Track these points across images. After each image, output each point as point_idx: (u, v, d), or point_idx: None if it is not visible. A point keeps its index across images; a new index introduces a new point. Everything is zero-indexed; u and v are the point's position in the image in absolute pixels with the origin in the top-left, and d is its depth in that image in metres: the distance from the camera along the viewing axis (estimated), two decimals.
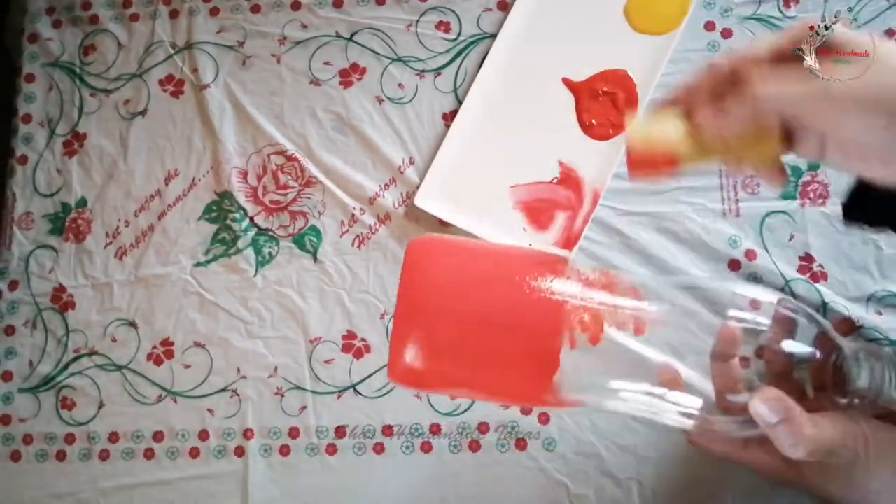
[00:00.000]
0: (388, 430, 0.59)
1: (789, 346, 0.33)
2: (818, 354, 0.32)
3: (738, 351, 0.33)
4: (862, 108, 0.28)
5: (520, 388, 0.34)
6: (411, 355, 0.32)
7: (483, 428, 0.58)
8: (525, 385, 0.33)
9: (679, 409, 0.33)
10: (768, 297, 0.34)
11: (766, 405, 0.31)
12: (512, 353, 0.32)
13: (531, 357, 0.32)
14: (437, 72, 0.64)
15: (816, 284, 0.57)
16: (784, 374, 0.33)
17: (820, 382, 0.33)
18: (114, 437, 0.61)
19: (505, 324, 0.32)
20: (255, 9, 0.67)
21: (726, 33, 0.62)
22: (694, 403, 0.33)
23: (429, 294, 0.33)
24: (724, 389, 0.33)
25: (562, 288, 0.32)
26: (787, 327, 0.33)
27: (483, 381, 0.34)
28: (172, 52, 0.67)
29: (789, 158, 0.37)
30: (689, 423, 0.34)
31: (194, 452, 0.60)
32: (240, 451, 0.59)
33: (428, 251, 0.36)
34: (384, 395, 0.59)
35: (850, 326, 0.55)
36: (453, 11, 0.65)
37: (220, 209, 0.64)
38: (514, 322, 0.32)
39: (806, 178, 0.60)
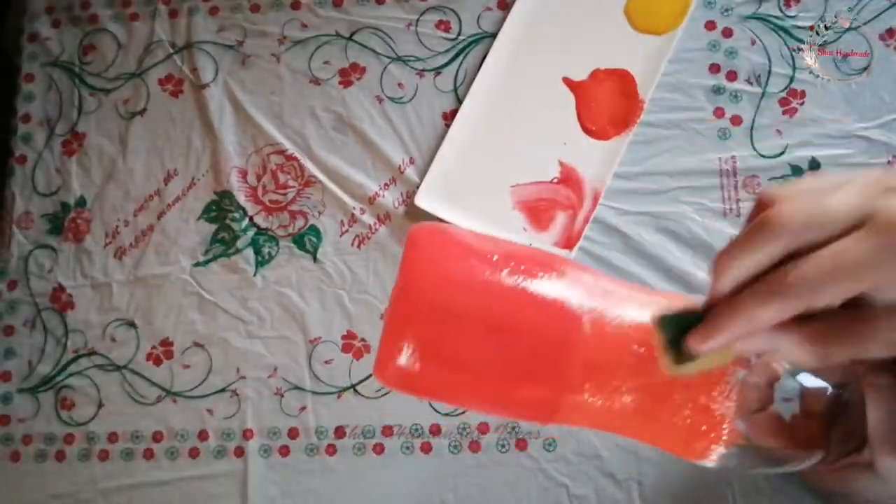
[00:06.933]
0: (387, 431, 0.59)
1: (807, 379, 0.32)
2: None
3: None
4: None
5: (522, 400, 0.31)
6: (406, 356, 0.29)
7: (483, 428, 0.58)
8: (529, 397, 0.31)
9: None
10: None
11: None
12: (516, 361, 0.30)
13: (537, 367, 0.30)
14: (437, 71, 0.64)
15: None
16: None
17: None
18: (113, 438, 0.61)
19: (510, 328, 0.30)
20: (255, 8, 0.67)
21: (727, 33, 0.62)
22: None
23: (431, 289, 0.30)
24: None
25: (569, 292, 0.31)
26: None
27: (482, 389, 0.31)
28: (172, 51, 0.67)
29: None
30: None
31: (194, 453, 0.60)
32: (239, 452, 0.59)
33: (432, 241, 0.33)
34: (384, 395, 0.59)
35: None
36: (453, 10, 0.65)
37: (219, 209, 0.64)
38: (519, 326, 0.30)
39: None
